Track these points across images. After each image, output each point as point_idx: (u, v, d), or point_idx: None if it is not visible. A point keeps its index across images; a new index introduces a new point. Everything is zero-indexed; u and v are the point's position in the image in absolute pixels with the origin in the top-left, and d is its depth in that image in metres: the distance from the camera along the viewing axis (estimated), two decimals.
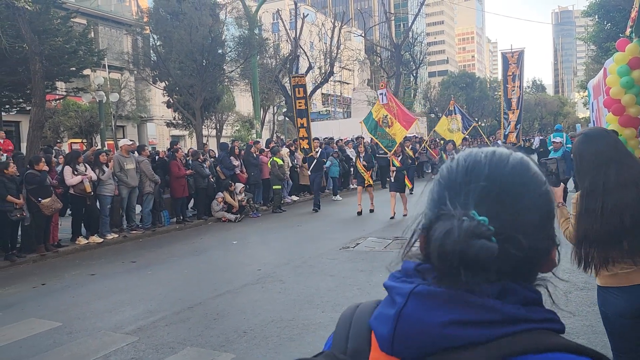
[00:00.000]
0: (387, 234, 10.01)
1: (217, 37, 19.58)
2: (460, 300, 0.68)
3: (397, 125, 12.25)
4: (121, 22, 31.42)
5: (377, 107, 12.88)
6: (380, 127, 12.53)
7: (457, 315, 0.67)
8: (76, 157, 10.29)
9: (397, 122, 12.25)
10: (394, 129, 12.27)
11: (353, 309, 0.85)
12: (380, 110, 12.64)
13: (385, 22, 36.10)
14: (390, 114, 12.35)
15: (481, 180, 0.76)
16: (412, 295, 0.71)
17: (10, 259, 8.89)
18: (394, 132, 12.25)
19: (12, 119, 24.47)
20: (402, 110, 12.78)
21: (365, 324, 0.78)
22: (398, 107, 12.63)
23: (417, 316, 0.69)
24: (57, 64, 14.77)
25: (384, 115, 12.47)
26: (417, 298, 0.70)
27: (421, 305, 0.69)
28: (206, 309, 5.88)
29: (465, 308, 0.67)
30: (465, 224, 0.68)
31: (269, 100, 31.08)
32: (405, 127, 12.36)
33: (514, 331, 0.67)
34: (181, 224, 12.37)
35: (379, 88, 13.21)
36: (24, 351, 4.89)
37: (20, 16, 10.15)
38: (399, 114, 12.42)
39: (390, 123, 12.31)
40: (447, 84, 55.65)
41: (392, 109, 12.40)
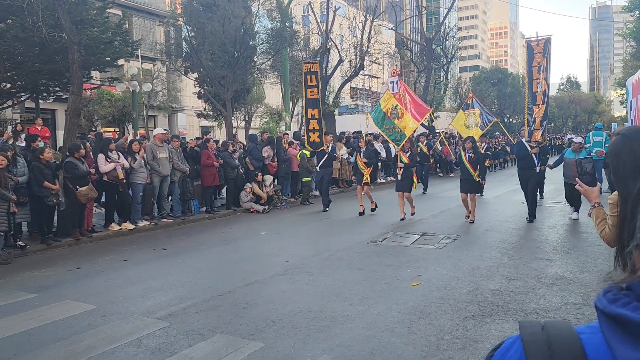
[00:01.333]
0: (415, 229, 9.96)
1: (249, 29, 19.70)
2: None
3: (408, 117, 11.07)
4: (155, 13, 31.87)
5: (387, 97, 11.66)
6: (389, 118, 11.35)
7: None
8: (107, 144, 10.52)
9: (408, 113, 11.10)
10: (403, 120, 11.10)
11: (544, 346, 0.69)
12: (389, 100, 11.49)
13: (416, 16, 35.73)
14: (401, 104, 11.21)
15: None
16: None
17: (46, 242, 9.16)
18: (403, 125, 11.10)
19: (49, 107, 25.11)
20: (414, 101, 11.59)
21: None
22: (410, 97, 11.48)
23: None
24: (93, 53, 15.09)
25: (393, 106, 11.33)
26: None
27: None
28: (235, 298, 5.96)
29: None
30: None
31: (299, 92, 31.10)
32: (416, 119, 11.18)
33: None
34: (210, 213, 12.53)
35: (391, 75, 11.98)
36: (60, 332, 5.04)
37: (60, 6, 10.38)
38: (411, 104, 11.29)
39: (400, 114, 11.18)
40: (479, 80, 54.77)
41: (403, 99, 11.25)
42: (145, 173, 10.93)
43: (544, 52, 10.74)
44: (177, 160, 11.68)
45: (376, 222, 11.06)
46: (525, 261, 7.36)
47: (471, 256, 7.61)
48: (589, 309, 5.23)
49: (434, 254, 7.99)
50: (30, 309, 5.76)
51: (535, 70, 10.90)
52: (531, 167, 10.53)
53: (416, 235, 9.28)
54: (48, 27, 11.23)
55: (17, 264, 8.16)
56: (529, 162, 10.56)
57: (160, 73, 29.24)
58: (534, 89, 10.97)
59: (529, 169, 10.55)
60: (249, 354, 4.37)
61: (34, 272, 7.54)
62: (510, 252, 8.00)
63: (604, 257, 7.43)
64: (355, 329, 4.84)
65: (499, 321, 4.95)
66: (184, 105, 35.42)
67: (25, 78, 15.99)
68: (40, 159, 8.96)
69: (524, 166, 10.76)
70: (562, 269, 6.86)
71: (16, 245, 8.83)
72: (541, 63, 10.78)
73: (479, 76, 57.37)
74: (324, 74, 24.05)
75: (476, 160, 10.48)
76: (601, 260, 7.25)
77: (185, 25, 21.07)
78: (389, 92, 11.58)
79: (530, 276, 6.53)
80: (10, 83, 16.10)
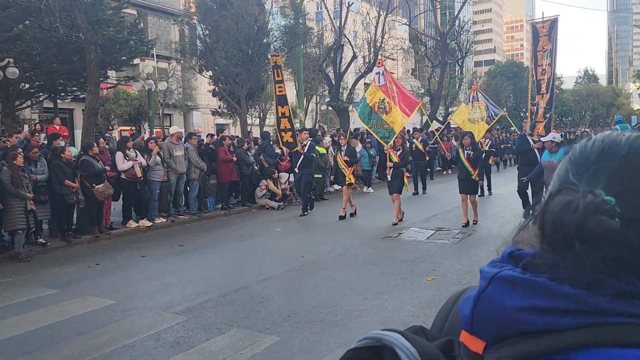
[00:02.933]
0: (431, 224, 9.95)
1: (262, 26, 19.78)
2: (541, 287, 0.67)
3: (397, 111, 10.08)
4: (169, 12, 32.10)
5: (373, 90, 10.60)
6: (376, 113, 10.35)
7: (534, 301, 0.67)
8: (125, 142, 10.67)
9: (397, 107, 10.11)
10: (392, 115, 10.12)
11: (459, 293, 0.87)
12: (375, 94, 10.44)
13: (430, 10, 35.48)
14: (388, 97, 10.19)
15: (616, 161, 0.73)
16: (495, 279, 0.71)
17: (66, 239, 9.34)
18: (392, 120, 10.11)
19: (67, 107, 25.49)
20: (402, 93, 10.61)
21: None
22: (398, 89, 10.47)
23: (496, 299, 0.70)
24: (110, 53, 15.28)
25: (380, 99, 10.31)
26: (499, 282, 0.71)
27: (501, 290, 0.70)
28: (251, 293, 6.03)
29: (543, 295, 0.67)
30: (589, 199, 0.66)
31: (313, 89, 31.16)
32: (406, 113, 10.18)
33: (598, 322, 0.64)
34: (226, 210, 12.64)
35: (376, 66, 10.88)
36: (81, 326, 5.16)
37: (77, 7, 10.54)
38: (399, 97, 10.28)
39: (388, 108, 10.17)
40: (494, 74, 54.31)
41: (390, 92, 10.23)
42: (162, 171, 11.07)
43: (550, 34, 9.67)
44: (196, 158, 11.80)
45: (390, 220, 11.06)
46: None
47: (486, 250, 7.59)
48: None
49: (449, 248, 7.99)
50: (52, 304, 5.90)
51: (540, 56, 9.83)
52: (534, 164, 9.43)
53: (431, 231, 9.27)
54: (65, 28, 11.41)
55: (38, 260, 8.33)
56: (531, 158, 9.67)
57: (175, 71, 29.48)
58: (538, 76, 9.90)
59: (531, 166, 9.43)
60: (265, 347, 4.43)
61: (54, 269, 7.70)
62: None
63: None
64: (371, 324, 4.87)
65: None
66: (199, 103, 35.67)
67: (43, 78, 16.26)
68: (61, 158, 9.13)
69: (525, 162, 9.89)
70: None
71: (37, 242, 9.02)
72: (546, 47, 9.72)
73: (495, 70, 56.90)
74: (338, 70, 24.05)
75: (475, 158, 9.62)
76: None
77: (199, 24, 21.23)
78: (374, 85, 10.62)
79: None
80: (29, 83, 16.39)
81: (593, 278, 0.67)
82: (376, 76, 10.62)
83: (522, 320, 0.67)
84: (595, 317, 0.65)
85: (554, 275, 0.68)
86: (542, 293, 0.67)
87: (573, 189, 0.70)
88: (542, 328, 0.66)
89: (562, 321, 0.65)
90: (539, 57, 9.83)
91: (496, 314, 0.69)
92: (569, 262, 0.67)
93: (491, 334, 0.70)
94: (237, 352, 4.36)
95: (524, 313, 0.67)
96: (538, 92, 9.85)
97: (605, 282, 0.67)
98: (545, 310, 0.66)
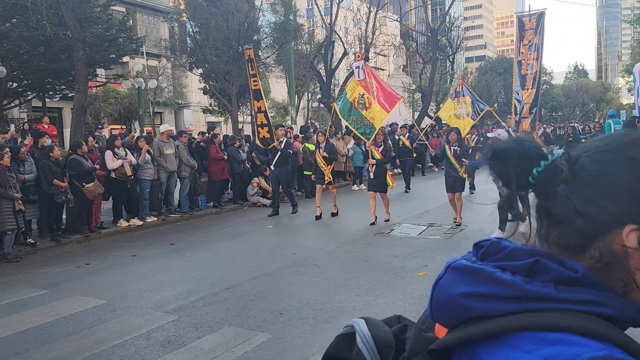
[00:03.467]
0: (422, 220, 9.96)
1: (252, 23, 19.70)
2: (484, 275, 0.72)
3: (376, 107, 9.82)
4: (159, 9, 31.90)
5: (352, 85, 10.35)
6: (355, 109, 10.09)
7: (475, 288, 0.71)
8: (114, 141, 10.59)
9: (376, 102, 9.86)
10: (372, 111, 9.86)
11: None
12: (355, 88, 10.19)
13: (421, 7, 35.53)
14: (368, 92, 9.94)
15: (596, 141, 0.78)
16: (450, 268, 0.77)
17: (56, 239, 9.26)
18: (372, 116, 9.87)
19: (55, 105, 25.28)
20: (383, 88, 10.27)
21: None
22: (378, 84, 10.21)
23: (446, 287, 0.75)
24: (98, 51, 15.16)
25: (359, 95, 10.06)
26: (452, 271, 0.76)
27: (452, 278, 0.75)
28: (243, 290, 6.01)
29: (485, 282, 0.71)
30: (538, 149, 0.75)
31: (304, 86, 31.11)
32: (386, 109, 9.89)
33: (535, 308, 0.68)
34: (218, 208, 12.59)
35: (355, 60, 10.47)
36: (71, 327, 5.11)
37: (64, 4, 10.43)
38: (380, 92, 10.03)
39: (368, 104, 9.93)
40: (485, 70, 54.46)
41: (370, 87, 9.99)
42: (152, 169, 10.99)
43: (537, 28, 9.27)
44: (187, 156, 11.73)
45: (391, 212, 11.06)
46: None
47: None
48: None
49: (441, 244, 8.01)
50: (42, 305, 5.84)
51: (526, 50, 9.41)
52: None
53: (423, 227, 9.28)
54: (52, 26, 11.29)
55: (27, 261, 8.26)
56: None
57: (165, 69, 29.34)
58: (523, 70, 9.49)
59: None
60: (256, 345, 4.41)
61: (44, 269, 7.64)
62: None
63: None
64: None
65: None
66: (190, 101, 35.52)
67: (31, 77, 16.10)
68: (49, 157, 9.04)
69: None
70: None
71: (26, 242, 8.93)
72: (533, 41, 9.32)
73: (486, 66, 57.05)
74: (329, 66, 24.01)
75: (462, 155, 9.29)
76: None
77: (189, 21, 21.10)
78: (354, 80, 10.37)
79: None
80: (17, 82, 16.22)
81: (535, 263, 0.71)
82: (356, 70, 10.35)
83: (464, 307, 0.71)
84: (532, 304, 0.68)
85: (503, 262, 0.73)
86: (484, 280, 0.72)
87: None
88: (482, 313, 0.70)
89: (500, 307, 0.69)
90: (524, 51, 9.48)
91: (445, 301, 0.74)
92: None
93: (446, 320, 0.75)
94: (229, 350, 4.34)
95: (467, 299, 0.71)
96: (523, 87, 9.51)
97: (548, 267, 0.71)
98: (484, 296, 0.70)
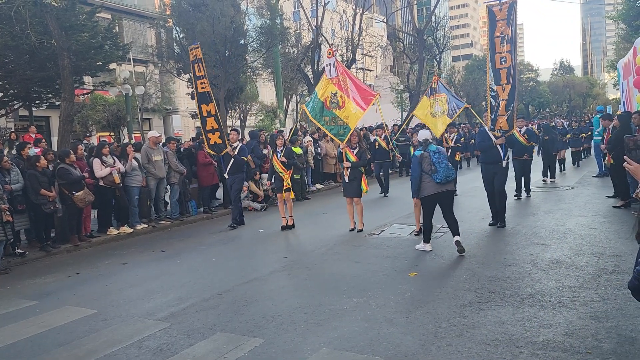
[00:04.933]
0: (412, 220, 9.98)
1: (239, 27, 19.65)
2: None
3: (351, 105, 9.20)
4: (144, 15, 31.75)
5: (324, 83, 9.67)
6: (328, 109, 9.46)
7: None
8: (101, 148, 10.54)
9: (351, 101, 9.24)
10: (345, 110, 9.24)
11: None
12: (327, 87, 9.53)
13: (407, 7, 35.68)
14: (341, 90, 9.31)
15: None
16: None
17: (45, 249, 9.19)
18: (346, 116, 9.25)
19: (42, 114, 25.09)
20: (357, 85, 9.62)
21: None
22: (352, 81, 9.54)
23: None
24: (84, 58, 15.05)
25: (332, 93, 9.42)
26: None
27: None
28: (235, 296, 6.00)
29: None
30: None
31: (292, 89, 31.13)
32: (361, 107, 9.28)
33: None
34: (208, 213, 12.56)
35: (326, 57, 9.86)
36: (62, 337, 5.08)
37: (48, 12, 10.36)
38: (354, 89, 9.41)
39: (342, 103, 9.29)
40: (472, 68, 54.83)
41: (343, 84, 9.34)
42: (140, 176, 10.95)
43: (508, 18, 8.59)
44: (175, 162, 11.70)
45: (378, 213, 11.09)
46: (521, 247, 7.41)
47: (467, 244, 7.66)
48: (584, 292, 5.28)
49: (431, 243, 8.03)
50: (32, 316, 5.80)
51: (498, 42, 8.69)
52: (496, 161, 8.79)
53: (413, 226, 9.31)
54: (37, 34, 11.20)
55: (16, 272, 8.18)
56: (494, 155, 8.83)
57: (152, 75, 29.22)
58: (497, 64, 8.75)
59: (494, 164, 8.82)
60: (249, 350, 4.41)
61: (34, 280, 7.58)
62: (506, 238, 8.06)
63: (599, 240, 7.48)
64: (354, 321, 4.88)
65: (495, 307, 5.00)
66: (178, 106, 35.42)
67: (17, 86, 15.95)
68: (36, 167, 8.97)
69: (487, 160, 9.05)
70: (558, 253, 6.91)
71: (15, 253, 8.86)
72: (505, 32, 8.61)
73: (472, 64, 57.41)
74: (316, 69, 24.05)
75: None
76: (597, 243, 7.30)
77: (175, 27, 21.03)
78: (325, 78, 9.69)
79: (526, 261, 6.58)
80: (2, 92, 16.07)
81: None
82: (327, 67, 9.68)
83: None
84: None
85: None
86: None
87: None
88: None
89: None
90: (496, 43, 8.73)
91: None
92: None
93: None
94: (221, 356, 4.34)
95: None
96: (497, 82, 8.79)
97: None
98: None
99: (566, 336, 4.23)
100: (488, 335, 4.34)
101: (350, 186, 9.35)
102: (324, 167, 17.02)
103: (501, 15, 8.62)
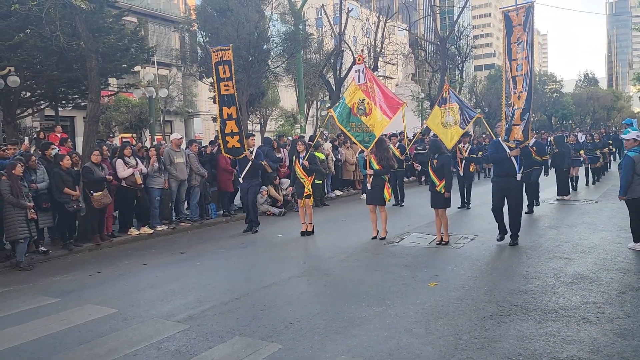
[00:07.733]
0: (432, 229, 9.90)
1: (262, 33, 19.82)
2: None
3: (377, 113, 9.21)
4: (170, 19, 32.25)
5: (352, 90, 9.67)
6: (355, 115, 9.44)
7: None
8: (123, 150, 10.66)
9: (377, 108, 9.24)
10: (372, 117, 9.25)
11: None
12: (355, 93, 9.53)
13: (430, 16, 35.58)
14: (369, 97, 9.33)
15: None
16: None
17: (68, 247, 9.32)
18: (372, 123, 9.25)
19: (68, 114, 25.55)
20: (384, 93, 9.64)
21: None
22: (380, 89, 9.57)
23: None
24: (110, 61, 15.29)
25: (359, 100, 9.42)
26: None
27: None
28: (253, 300, 6.01)
29: None
30: None
31: (313, 95, 31.26)
32: (387, 115, 9.27)
33: None
34: (227, 217, 12.62)
35: (356, 63, 9.92)
36: (83, 335, 5.13)
37: (77, 15, 10.54)
38: (382, 97, 9.43)
39: (368, 110, 9.29)
40: (494, 78, 54.29)
41: (370, 92, 9.37)
42: (162, 178, 11.04)
43: (525, 24, 8.27)
44: (197, 165, 11.79)
45: (397, 222, 11.02)
46: (544, 260, 7.29)
47: (489, 256, 7.57)
48: (609, 308, 5.17)
49: (452, 253, 7.96)
50: (54, 313, 5.88)
51: (515, 49, 8.38)
52: (511, 174, 8.30)
53: (433, 236, 9.23)
54: (66, 36, 11.40)
55: (39, 269, 8.31)
56: (508, 167, 8.32)
57: (176, 78, 29.60)
58: (512, 72, 8.39)
59: (508, 177, 8.32)
60: (267, 355, 4.40)
61: (56, 277, 7.68)
62: (528, 251, 7.94)
63: (625, 256, 7.33)
64: (373, 330, 4.85)
65: (517, 320, 4.92)
66: (200, 110, 35.78)
67: (44, 86, 16.27)
68: (60, 166, 9.12)
69: (501, 173, 8.46)
70: (582, 267, 6.79)
71: (38, 251, 9.01)
72: (521, 38, 8.30)
73: (495, 74, 56.91)
74: (338, 75, 24.09)
75: (440, 168, 8.63)
76: (622, 259, 7.15)
77: (199, 31, 21.28)
78: (354, 84, 9.68)
79: (549, 275, 6.47)
80: (30, 92, 16.39)
81: None
82: (356, 74, 9.66)
83: None
84: None
85: None
86: None
87: None
88: None
89: None
90: (513, 49, 8.42)
91: None
92: None
93: None
94: None
95: None
96: (513, 90, 8.43)
97: None
98: None
99: (591, 353, 4.15)
100: (510, 349, 4.26)
101: (373, 194, 9.27)
102: (343, 174, 16.98)
103: (517, 20, 8.34)
